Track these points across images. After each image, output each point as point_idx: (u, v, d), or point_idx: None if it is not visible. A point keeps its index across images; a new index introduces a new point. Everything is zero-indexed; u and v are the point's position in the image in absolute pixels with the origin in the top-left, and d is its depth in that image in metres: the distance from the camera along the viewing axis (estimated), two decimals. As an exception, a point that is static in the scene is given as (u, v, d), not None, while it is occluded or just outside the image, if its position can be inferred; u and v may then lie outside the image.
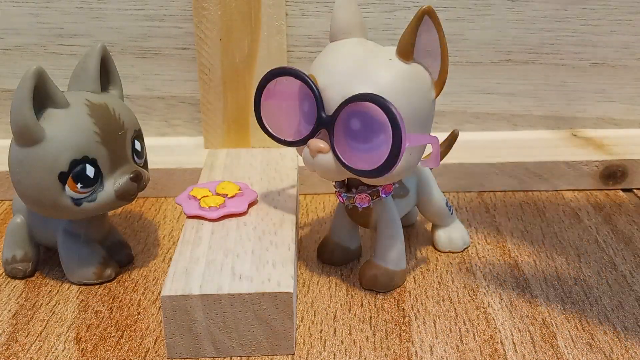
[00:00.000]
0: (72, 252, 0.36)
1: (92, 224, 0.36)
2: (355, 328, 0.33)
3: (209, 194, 0.37)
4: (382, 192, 0.34)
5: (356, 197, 0.34)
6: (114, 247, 0.38)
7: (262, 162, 0.44)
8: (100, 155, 0.33)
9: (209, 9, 0.45)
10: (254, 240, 0.34)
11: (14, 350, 0.32)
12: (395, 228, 0.35)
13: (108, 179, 0.34)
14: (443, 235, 0.39)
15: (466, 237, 0.40)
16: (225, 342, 0.31)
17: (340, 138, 0.31)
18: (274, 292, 0.30)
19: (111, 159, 0.34)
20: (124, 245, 0.39)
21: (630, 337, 0.32)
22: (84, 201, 0.33)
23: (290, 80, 0.32)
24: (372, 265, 0.36)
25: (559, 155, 0.47)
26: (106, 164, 0.33)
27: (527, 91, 0.51)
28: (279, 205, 0.38)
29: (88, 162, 0.33)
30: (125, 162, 0.34)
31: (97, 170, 0.33)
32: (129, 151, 0.35)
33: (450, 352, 0.31)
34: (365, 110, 0.30)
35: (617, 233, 0.42)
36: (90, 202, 0.33)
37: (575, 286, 0.36)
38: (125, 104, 0.36)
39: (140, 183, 0.34)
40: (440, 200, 0.38)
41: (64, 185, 0.33)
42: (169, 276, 0.31)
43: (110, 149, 0.33)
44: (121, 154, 0.34)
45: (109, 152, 0.33)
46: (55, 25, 0.47)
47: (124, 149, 0.34)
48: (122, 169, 0.34)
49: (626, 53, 0.50)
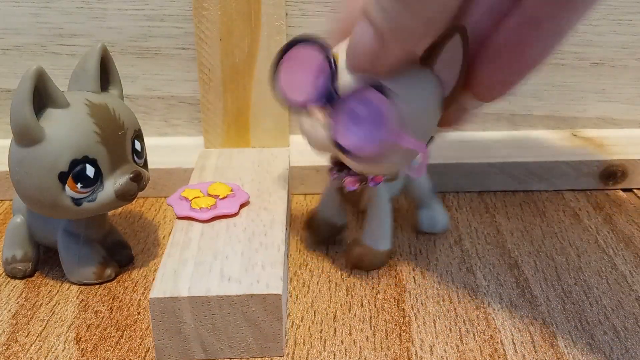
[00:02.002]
0: (72, 252, 0.36)
1: (92, 224, 0.36)
2: (355, 328, 0.33)
3: (201, 195, 0.37)
4: (370, 181, 0.35)
5: (346, 179, 0.35)
6: (114, 247, 0.38)
7: (254, 162, 0.44)
8: (100, 155, 0.33)
9: (209, 9, 0.45)
10: (244, 241, 0.34)
11: (14, 350, 0.32)
12: (385, 211, 0.37)
13: (108, 179, 0.34)
14: (424, 216, 0.41)
15: (446, 220, 0.42)
16: (214, 344, 0.31)
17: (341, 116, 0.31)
18: (262, 294, 0.30)
19: (111, 159, 0.34)
20: (124, 246, 0.39)
21: (630, 337, 0.32)
22: (84, 201, 0.33)
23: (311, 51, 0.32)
24: (359, 246, 0.37)
25: (559, 155, 0.47)
26: (106, 164, 0.33)
27: (527, 91, 0.50)
28: (270, 207, 0.37)
29: (88, 162, 0.33)
30: (125, 162, 0.34)
31: (97, 170, 0.33)
32: (129, 151, 0.35)
33: (450, 352, 0.31)
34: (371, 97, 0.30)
35: (617, 233, 0.42)
36: (90, 202, 0.33)
37: (575, 286, 0.36)
38: (125, 104, 0.36)
39: (141, 183, 0.34)
40: (426, 182, 0.41)
41: (64, 185, 0.33)
42: (157, 278, 0.31)
43: (110, 149, 0.33)
44: (121, 154, 0.34)
45: (109, 152, 0.33)
46: (55, 25, 0.47)
47: (124, 149, 0.34)
48: (122, 169, 0.34)
49: (626, 53, 0.50)
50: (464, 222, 0.43)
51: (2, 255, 0.37)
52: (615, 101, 0.51)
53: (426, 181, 0.41)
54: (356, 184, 0.35)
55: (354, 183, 0.35)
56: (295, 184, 0.46)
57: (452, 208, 0.45)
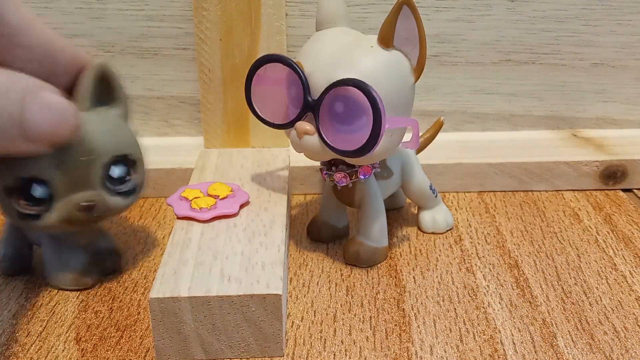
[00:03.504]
0: (54, 256, 0.36)
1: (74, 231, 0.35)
2: (355, 328, 0.33)
3: (201, 195, 0.37)
4: (360, 173, 0.36)
5: (335, 175, 0.36)
6: (101, 254, 0.37)
7: (253, 162, 0.44)
8: (53, 178, 0.32)
9: (209, 9, 0.45)
10: (244, 241, 0.34)
11: (14, 350, 0.32)
12: (377, 207, 0.37)
13: (59, 201, 0.32)
14: (427, 216, 0.41)
15: (449, 219, 0.42)
16: (214, 344, 0.31)
17: (325, 120, 0.33)
18: (262, 294, 0.30)
19: (67, 182, 0.32)
20: (112, 252, 0.38)
21: (630, 337, 0.32)
22: (29, 218, 0.32)
23: (278, 67, 0.34)
24: (355, 242, 0.38)
25: (559, 155, 0.47)
26: (60, 187, 0.32)
27: (527, 91, 0.51)
28: (270, 207, 0.37)
29: (36, 182, 0.32)
30: (86, 188, 0.32)
31: (48, 191, 0.32)
32: (95, 177, 0.33)
33: (450, 352, 0.31)
34: (348, 94, 0.32)
35: (617, 233, 0.42)
36: (34, 219, 0.32)
37: (575, 286, 0.36)
38: (117, 126, 0.34)
39: (90, 213, 0.33)
40: (424, 182, 0.40)
41: (11, 198, 0.32)
42: (157, 278, 0.31)
43: (68, 173, 0.32)
44: (82, 178, 0.32)
45: (64, 175, 0.32)
46: (55, 25, 0.47)
47: (86, 174, 0.32)
48: (79, 195, 0.32)
49: (626, 53, 0.50)
50: (464, 222, 0.43)
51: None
52: (615, 101, 0.51)
53: (424, 180, 0.40)
54: (346, 178, 0.36)
55: (344, 178, 0.36)
56: (295, 184, 0.46)
57: (452, 208, 0.45)
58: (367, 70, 0.32)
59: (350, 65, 0.32)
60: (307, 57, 0.34)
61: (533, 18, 0.48)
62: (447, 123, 0.51)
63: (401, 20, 0.32)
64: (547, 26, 0.49)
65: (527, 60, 0.50)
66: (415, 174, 0.40)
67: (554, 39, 0.49)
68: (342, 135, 0.33)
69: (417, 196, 0.41)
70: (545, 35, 0.49)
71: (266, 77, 0.35)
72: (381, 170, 0.38)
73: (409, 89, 0.34)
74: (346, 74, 0.32)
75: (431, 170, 0.45)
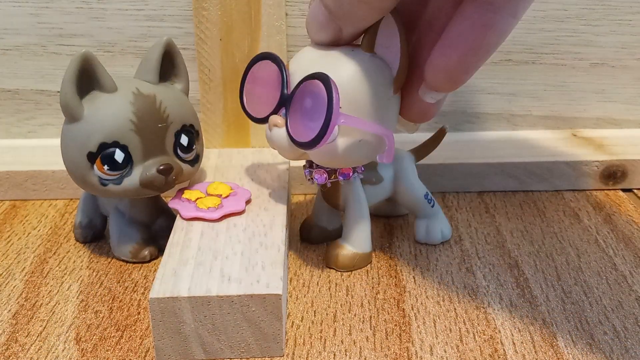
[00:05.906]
0: (116, 229, 0.38)
1: (136, 206, 0.38)
2: (355, 328, 0.33)
3: (202, 195, 0.37)
4: (339, 174, 0.36)
5: (315, 172, 0.36)
6: (161, 232, 0.39)
7: (253, 162, 0.44)
8: (133, 143, 0.34)
9: (209, 9, 0.45)
10: (244, 241, 0.34)
11: (14, 350, 0.32)
12: (360, 211, 0.37)
13: (138, 166, 0.35)
14: (421, 226, 0.40)
15: (446, 231, 0.40)
16: (214, 344, 0.31)
17: (294, 114, 0.33)
18: (262, 294, 0.30)
19: (145, 148, 0.35)
20: (170, 231, 0.38)
21: (630, 337, 0.32)
22: (110, 183, 0.35)
23: (270, 65, 0.35)
24: (337, 245, 0.38)
25: (559, 155, 0.47)
26: (138, 152, 0.35)
27: (527, 91, 0.51)
28: (270, 207, 0.37)
29: (118, 147, 0.34)
30: (161, 154, 0.35)
31: (127, 156, 0.34)
32: (169, 143, 0.36)
33: (450, 352, 0.31)
34: (316, 89, 0.32)
35: (617, 233, 0.42)
36: (116, 184, 0.35)
37: (575, 286, 0.36)
38: (183, 98, 0.37)
39: (169, 176, 0.35)
40: (418, 191, 0.39)
41: (93, 164, 0.34)
42: (157, 278, 0.31)
43: (146, 139, 0.35)
44: (158, 145, 0.35)
45: (143, 141, 0.34)
46: (55, 25, 0.47)
47: (162, 140, 0.35)
48: (156, 159, 0.35)
49: (626, 53, 0.50)
50: (464, 222, 0.43)
51: (75, 218, 0.41)
52: (615, 101, 0.51)
53: (419, 188, 0.39)
54: (324, 176, 0.36)
55: (322, 175, 0.36)
56: (295, 184, 0.46)
57: (452, 208, 0.45)
58: (342, 69, 0.32)
59: (328, 64, 0.32)
60: (294, 58, 0.34)
61: (533, 18, 0.48)
62: (447, 123, 0.51)
63: (383, 27, 0.32)
64: (547, 26, 0.49)
65: (527, 60, 0.50)
66: (408, 182, 0.39)
67: (554, 39, 0.49)
68: (305, 130, 0.33)
69: (410, 204, 0.40)
70: (545, 35, 0.49)
71: (258, 76, 0.36)
72: (369, 175, 0.37)
73: (386, 98, 0.33)
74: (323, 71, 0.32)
75: (431, 170, 0.45)
